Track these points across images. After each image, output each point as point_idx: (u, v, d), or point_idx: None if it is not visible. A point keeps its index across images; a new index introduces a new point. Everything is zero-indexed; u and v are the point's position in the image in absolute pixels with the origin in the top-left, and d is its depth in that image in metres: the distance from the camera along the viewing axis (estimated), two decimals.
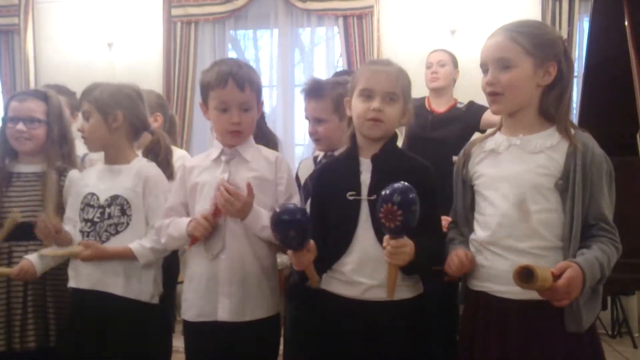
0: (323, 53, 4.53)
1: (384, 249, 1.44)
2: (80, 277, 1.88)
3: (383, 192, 1.40)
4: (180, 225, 1.73)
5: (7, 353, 1.96)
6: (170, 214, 1.79)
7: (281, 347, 1.90)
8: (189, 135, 4.46)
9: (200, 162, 1.81)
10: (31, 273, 1.94)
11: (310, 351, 1.68)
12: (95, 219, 1.89)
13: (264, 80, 4.62)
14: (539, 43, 1.47)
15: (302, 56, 4.64)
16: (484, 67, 1.53)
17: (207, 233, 1.67)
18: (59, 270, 2.02)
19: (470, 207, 1.59)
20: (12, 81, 4.58)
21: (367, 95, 1.59)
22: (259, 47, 4.85)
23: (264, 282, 1.74)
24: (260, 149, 1.82)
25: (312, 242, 1.51)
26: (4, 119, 2.12)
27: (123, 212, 1.89)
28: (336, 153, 1.92)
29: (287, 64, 4.47)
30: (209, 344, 1.72)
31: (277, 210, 1.48)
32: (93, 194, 1.92)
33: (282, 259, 2.61)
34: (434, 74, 3.14)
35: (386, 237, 1.44)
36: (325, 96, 1.93)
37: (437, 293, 1.71)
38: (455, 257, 1.49)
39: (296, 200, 1.77)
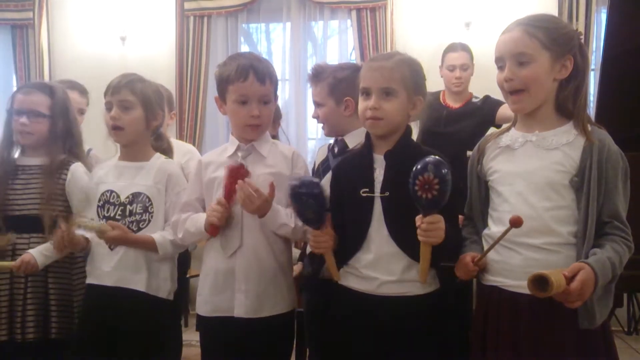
0: (336, 46, 4.50)
1: (418, 228, 1.43)
2: (102, 275, 1.88)
3: (416, 167, 1.39)
4: (197, 220, 1.73)
5: (9, 343, 1.98)
6: (187, 209, 1.79)
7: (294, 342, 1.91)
8: (202, 129, 4.46)
9: (216, 157, 1.81)
10: (32, 265, 1.94)
11: (326, 344, 1.67)
12: (117, 217, 1.89)
13: (277, 74, 4.60)
14: (556, 37, 1.46)
15: (315, 49, 4.61)
16: (500, 63, 1.51)
17: (224, 218, 1.66)
18: (62, 265, 2.04)
19: (484, 202, 1.58)
20: (27, 75, 4.61)
21: (366, 93, 1.59)
22: (271, 40, 4.83)
23: (281, 278, 1.74)
24: (277, 144, 1.82)
25: (331, 230, 1.52)
26: (10, 111, 2.12)
27: (145, 209, 1.89)
28: (346, 138, 1.92)
29: (300, 57, 4.45)
30: (224, 339, 1.72)
31: (295, 182, 1.51)
32: (112, 191, 1.92)
33: (295, 253, 2.61)
34: (458, 79, 3.10)
35: (419, 217, 1.43)
36: (322, 80, 1.95)
37: (453, 289, 1.69)
38: (462, 261, 1.50)
39: None
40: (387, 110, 1.56)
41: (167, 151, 2.07)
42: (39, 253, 1.97)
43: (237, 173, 1.67)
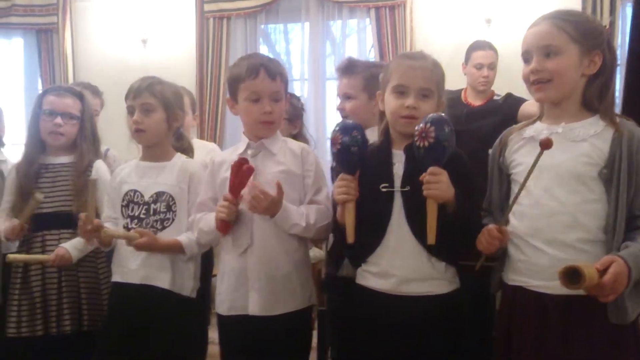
0: (354, 45, 4.49)
1: (423, 185, 1.45)
2: (128, 273, 1.91)
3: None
4: (209, 219, 1.74)
5: (45, 337, 2.02)
6: (202, 209, 1.80)
7: (315, 340, 1.91)
8: (222, 130, 4.49)
9: (228, 156, 1.82)
10: (66, 259, 2.01)
11: (347, 343, 1.67)
12: (141, 216, 1.92)
13: (295, 74, 4.62)
14: (585, 31, 1.44)
15: (334, 49, 4.61)
16: (527, 56, 1.49)
17: (231, 213, 1.66)
18: (90, 260, 2.10)
19: (506, 197, 1.55)
20: (52, 78, 4.69)
21: (401, 91, 1.57)
22: (289, 41, 4.85)
23: (294, 276, 1.74)
24: (287, 141, 1.82)
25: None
26: (37, 111, 2.16)
27: (169, 208, 1.92)
28: (367, 132, 1.91)
29: (318, 57, 4.45)
30: (241, 336, 1.73)
31: (337, 128, 1.56)
32: (136, 191, 1.95)
33: (315, 252, 2.61)
34: (485, 78, 3.06)
35: (422, 175, 1.45)
36: (357, 73, 1.94)
37: (473, 288, 1.68)
38: (486, 230, 1.47)
39: (324, 194, 1.76)
40: (424, 111, 1.56)
41: (188, 151, 2.10)
42: (73, 247, 2.03)
43: (240, 167, 1.66)
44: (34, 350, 2.05)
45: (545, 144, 1.35)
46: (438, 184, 1.44)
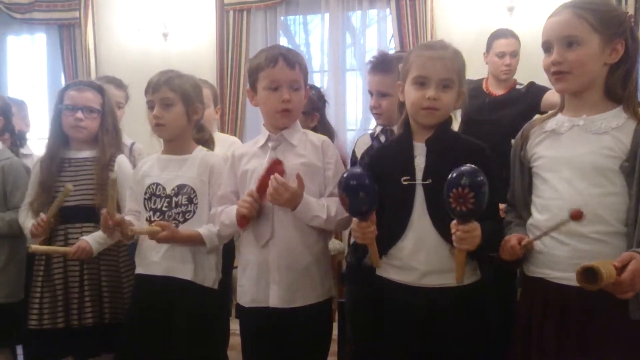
0: (374, 36, 4.46)
1: (453, 235, 1.42)
2: (151, 265, 1.94)
3: (450, 176, 1.37)
4: (230, 212, 1.75)
5: (66, 329, 2.06)
6: (223, 202, 1.81)
7: (335, 332, 1.92)
8: (242, 122, 4.51)
9: (248, 149, 1.82)
10: (87, 251, 2.03)
11: (368, 335, 1.67)
12: (164, 208, 1.94)
13: (315, 65, 4.61)
14: (606, 19, 1.41)
15: (353, 40, 4.59)
16: (547, 46, 1.47)
17: (253, 209, 1.67)
18: (112, 253, 2.13)
19: (528, 190, 1.54)
20: (75, 72, 4.75)
21: (422, 82, 1.55)
22: (309, 32, 4.84)
23: (314, 268, 1.74)
24: (307, 133, 1.82)
25: (375, 219, 1.51)
26: (58, 106, 2.19)
27: (190, 200, 1.93)
28: (394, 128, 1.90)
29: (338, 48, 4.43)
30: (262, 328, 1.74)
31: (344, 175, 1.51)
32: (158, 184, 1.97)
33: (335, 244, 2.62)
34: (507, 66, 3.00)
35: (454, 223, 1.41)
36: (392, 70, 1.89)
37: (494, 279, 1.67)
38: (508, 243, 1.46)
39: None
40: (445, 102, 1.55)
41: (209, 142, 2.11)
42: (94, 240, 2.05)
43: (274, 168, 1.68)
44: (55, 342, 2.08)
45: (575, 216, 1.34)
46: (471, 239, 1.41)
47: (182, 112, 1.95)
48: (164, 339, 1.88)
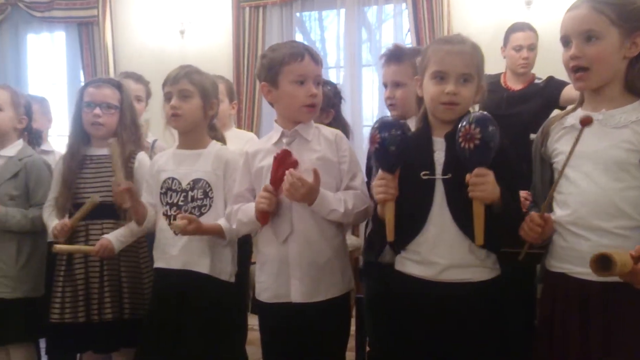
0: (390, 31, 4.44)
1: (467, 185, 1.42)
2: (169, 259, 1.96)
3: (461, 122, 1.42)
4: (248, 210, 1.76)
5: (86, 324, 2.09)
6: (238, 201, 1.82)
7: (353, 327, 1.92)
8: (259, 119, 4.52)
9: (262, 146, 1.83)
10: (109, 250, 2.06)
11: (386, 331, 1.68)
12: (180, 203, 1.96)
13: (331, 61, 4.61)
14: (625, 13, 1.39)
15: (369, 35, 4.58)
16: (565, 40, 1.46)
17: (272, 204, 1.68)
18: (132, 250, 2.15)
19: (549, 186, 1.53)
20: (94, 70, 4.80)
21: (440, 77, 1.55)
22: (324, 28, 4.83)
23: (334, 261, 1.75)
24: (320, 128, 1.82)
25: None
26: (79, 104, 2.22)
27: (206, 194, 1.96)
28: (408, 121, 1.89)
29: (354, 43, 4.42)
30: (283, 323, 1.75)
31: (379, 119, 1.53)
32: (174, 179, 1.99)
33: (351, 240, 2.62)
34: (525, 60, 2.98)
35: (468, 175, 1.43)
36: (405, 60, 1.90)
37: (515, 275, 1.66)
38: (528, 218, 1.45)
39: (360, 179, 1.76)
40: (464, 96, 1.54)
41: (221, 141, 2.12)
42: (115, 238, 2.08)
43: (283, 159, 1.68)
44: (76, 336, 2.12)
45: (585, 121, 1.33)
46: (484, 185, 1.42)
47: (199, 105, 1.97)
48: (181, 333, 1.91)
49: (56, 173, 2.22)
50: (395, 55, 1.95)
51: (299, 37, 4.66)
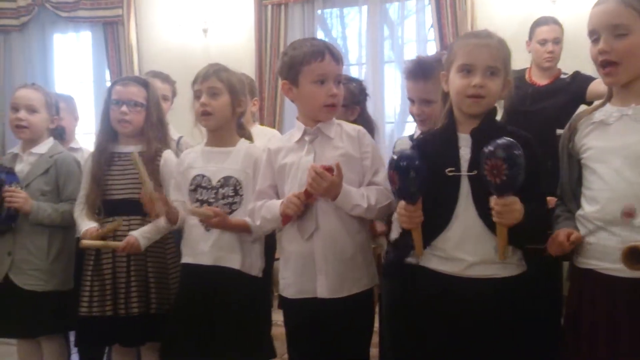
0: (413, 27, 4.42)
1: (492, 210, 1.41)
2: (199, 254, 1.99)
3: (486, 149, 1.38)
4: (272, 207, 1.77)
5: (113, 317, 2.13)
6: (261, 197, 1.83)
7: (376, 324, 1.92)
8: (281, 116, 4.55)
9: (285, 143, 1.84)
10: (136, 247, 2.09)
11: (410, 328, 1.68)
12: (210, 200, 1.99)
13: (352, 58, 4.61)
14: None
15: (391, 32, 4.56)
16: (593, 35, 1.44)
17: (299, 211, 1.69)
18: (158, 246, 2.18)
19: (577, 182, 1.51)
20: (119, 69, 4.87)
21: (467, 70, 1.54)
22: (345, 25, 4.83)
23: (359, 257, 1.76)
24: (342, 125, 1.82)
25: (421, 205, 1.51)
26: (107, 102, 2.26)
27: (236, 192, 1.98)
28: None
29: (376, 40, 4.41)
30: (308, 319, 1.76)
31: (396, 154, 1.51)
32: (203, 176, 2.02)
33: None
34: (550, 53, 2.94)
35: (493, 198, 1.41)
36: (434, 76, 1.82)
37: (540, 272, 1.64)
38: (556, 238, 1.44)
39: (382, 175, 1.75)
40: (491, 89, 1.53)
41: (248, 139, 2.14)
42: (142, 235, 2.11)
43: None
44: (103, 330, 2.15)
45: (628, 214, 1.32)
46: (510, 212, 1.40)
47: (228, 102, 2.00)
48: (210, 328, 1.93)
49: (85, 170, 2.26)
50: (423, 72, 1.92)
51: (320, 35, 4.66)
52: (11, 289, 2.27)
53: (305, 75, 1.74)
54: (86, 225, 2.15)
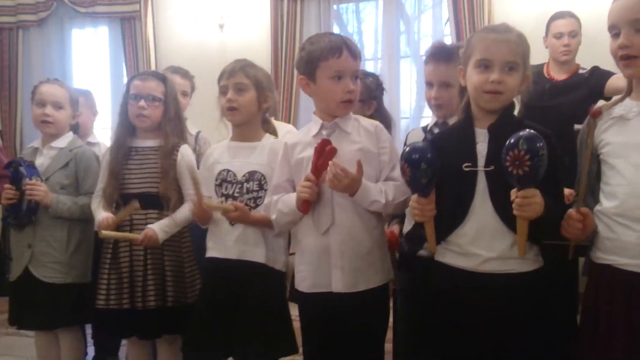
0: (429, 22, 4.40)
1: (513, 203, 1.40)
2: (225, 249, 2.00)
3: (509, 141, 1.37)
4: (288, 200, 1.77)
5: (131, 310, 2.16)
6: (278, 192, 1.84)
7: (390, 319, 1.93)
8: (296, 111, 4.55)
9: (302, 138, 1.84)
10: (154, 240, 2.12)
11: (424, 323, 1.68)
12: (235, 194, 2.00)
13: (368, 53, 4.59)
14: None
15: (407, 27, 4.54)
16: (613, 30, 1.43)
17: (314, 193, 1.69)
18: (175, 241, 2.21)
19: (595, 177, 1.50)
20: (136, 64, 4.90)
21: (485, 65, 1.52)
22: (361, 20, 4.82)
23: (375, 252, 1.76)
24: (359, 119, 1.82)
25: (434, 198, 1.51)
26: (125, 96, 2.28)
27: (260, 186, 1.99)
28: (450, 121, 1.86)
29: (392, 35, 4.40)
30: (323, 313, 1.77)
31: (408, 147, 1.51)
32: (229, 171, 2.03)
33: None
34: (566, 47, 2.91)
35: (513, 191, 1.40)
36: (455, 60, 1.82)
37: (556, 268, 1.63)
38: (567, 216, 1.43)
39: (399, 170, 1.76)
40: (509, 85, 1.52)
41: (273, 134, 2.15)
42: (160, 229, 2.14)
43: (323, 148, 1.68)
44: (120, 322, 2.19)
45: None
46: (531, 205, 1.39)
47: (255, 98, 2.01)
48: (235, 321, 1.94)
49: (104, 164, 2.29)
50: (445, 54, 1.92)
51: (335, 30, 4.66)
52: (30, 281, 2.32)
53: (323, 71, 1.74)
54: (102, 216, 2.18)
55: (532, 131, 1.36)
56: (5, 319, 2.44)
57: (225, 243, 2.00)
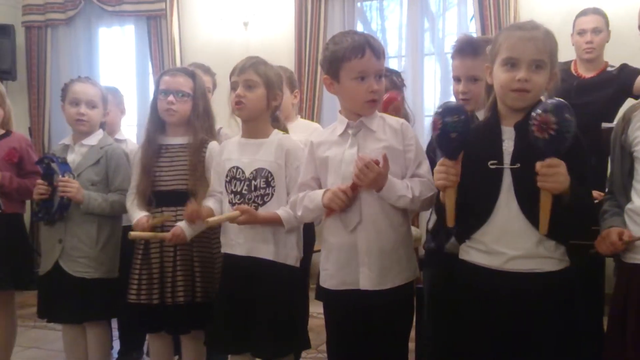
0: (454, 19, 4.36)
1: (537, 175, 1.38)
2: (235, 245, 2.04)
3: (535, 109, 1.37)
4: (315, 197, 1.78)
5: (160, 306, 2.19)
6: (304, 189, 1.85)
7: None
8: (319, 109, 4.55)
9: (327, 137, 1.85)
10: (182, 238, 2.15)
11: (449, 320, 1.68)
12: (244, 191, 2.03)
13: (392, 51, 4.57)
14: None
15: (431, 24, 4.51)
16: None
17: (344, 206, 1.70)
18: (204, 236, 2.23)
19: (628, 175, 1.48)
20: (161, 62, 4.95)
21: (512, 64, 1.51)
22: (385, 17, 4.80)
23: (401, 249, 1.77)
24: (385, 118, 1.82)
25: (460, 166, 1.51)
26: (155, 93, 2.32)
27: (268, 183, 2.01)
28: (478, 113, 1.85)
29: (417, 32, 4.37)
30: (349, 310, 1.78)
31: (439, 107, 1.52)
32: (238, 168, 2.06)
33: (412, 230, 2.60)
34: (588, 44, 2.87)
35: (538, 163, 1.39)
36: (482, 53, 1.83)
37: (582, 268, 1.62)
38: (607, 238, 1.41)
39: (426, 167, 1.76)
40: (536, 83, 1.51)
41: (283, 132, 2.16)
42: (187, 227, 2.16)
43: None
44: (150, 317, 2.23)
45: None
46: (555, 176, 1.37)
47: (264, 95, 2.03)
48: (248, 317, 1.97)
49: (136, 161, 2.33)
50: (472, 48, 1.91)
51: (359, 28, 4.64)
52: (60, 275, 2.37)
53: (346, 72, 1.74)
54: (138, 214, 2.22)
55: (560, 99, 1.35)
56: (33, 312, 2.49)
57: (235, 240, 2.03)
